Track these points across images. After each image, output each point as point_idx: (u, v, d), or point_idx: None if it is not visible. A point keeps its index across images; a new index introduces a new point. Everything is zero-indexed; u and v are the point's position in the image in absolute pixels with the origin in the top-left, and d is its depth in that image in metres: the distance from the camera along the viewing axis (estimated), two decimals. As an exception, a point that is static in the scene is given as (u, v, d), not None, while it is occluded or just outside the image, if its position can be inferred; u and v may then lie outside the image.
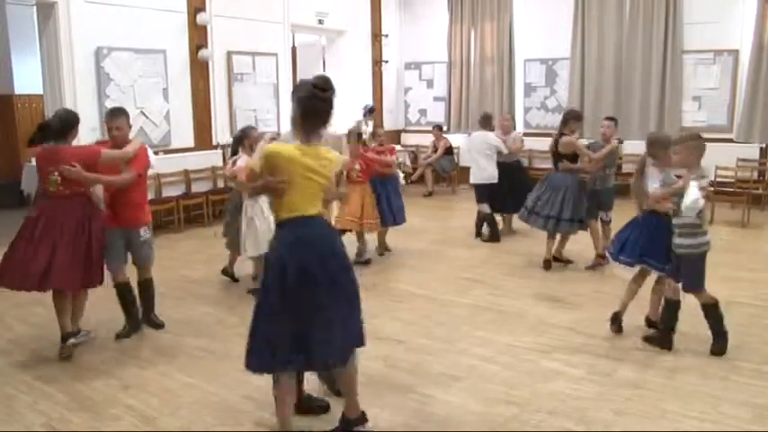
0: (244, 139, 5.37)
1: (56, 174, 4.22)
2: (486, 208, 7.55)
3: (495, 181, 7.44)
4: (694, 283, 4.20)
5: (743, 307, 5.09)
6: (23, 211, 4.50)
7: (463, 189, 10.52)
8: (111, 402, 3.72)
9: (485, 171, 7.46)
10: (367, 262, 6.58)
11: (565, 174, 6.21)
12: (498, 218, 7.77)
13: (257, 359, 3.00)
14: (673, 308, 4.31)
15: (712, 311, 4.25)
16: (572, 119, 6.29)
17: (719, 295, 4.35)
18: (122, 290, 4.70)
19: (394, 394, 3.77)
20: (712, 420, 3.43)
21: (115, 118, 4.54)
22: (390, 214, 6.71)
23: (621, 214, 5.37)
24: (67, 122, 4.36)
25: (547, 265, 6.32)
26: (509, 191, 7.44)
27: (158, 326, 4.86)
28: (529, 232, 7.70)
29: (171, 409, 3.64)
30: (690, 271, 4.20)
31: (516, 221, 7.26)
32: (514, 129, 8.28)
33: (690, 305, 4.66)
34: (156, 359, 4.33)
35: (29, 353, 4.46)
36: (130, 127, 4.68)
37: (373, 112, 10.90)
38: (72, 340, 4.34)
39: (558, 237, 6.42)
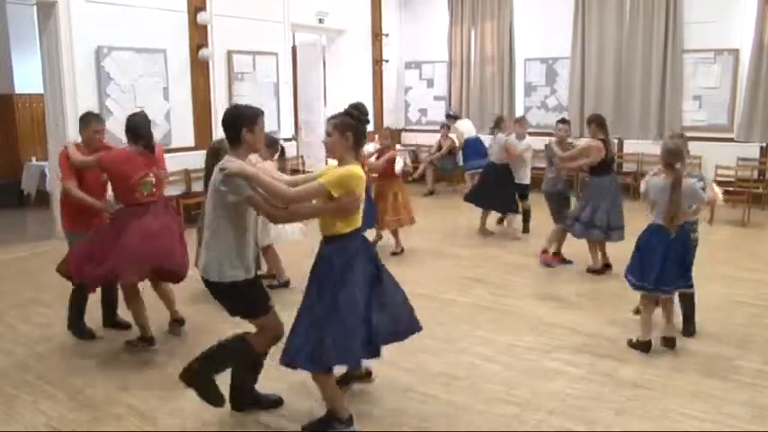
0: (221, 153, 5.42)
1: (151, 175, 4.30)
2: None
3: (524, 182, 7.60)
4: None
5: (743, 307, 5.09)
6: (23, 210, 4.50)
7: (466, 189, 10.51)
8: (111, 402, 3.72)
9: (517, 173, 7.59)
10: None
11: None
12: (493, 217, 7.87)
13: (356, 351, 3.20)
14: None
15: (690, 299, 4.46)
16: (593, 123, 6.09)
17: (720, 295, 4.36)
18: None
19: (394, 394, 3.77)
20: (712, 420, 3.43)
21: (102, 122, 4.57)
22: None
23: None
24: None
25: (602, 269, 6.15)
26: (498, 191, 7.51)
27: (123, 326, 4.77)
28: (531, 232, 7.72)
29: (171, 409, 3.64)
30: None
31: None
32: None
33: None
34: (156, 359, 4.33)
35: (30, 353, 4.46)
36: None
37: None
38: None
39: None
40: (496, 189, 7.54)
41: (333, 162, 3.40)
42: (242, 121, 3.23)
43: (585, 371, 4.05)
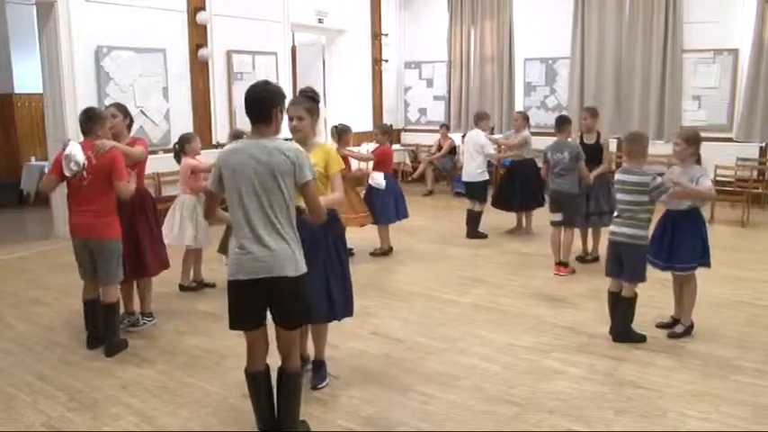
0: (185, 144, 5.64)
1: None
2: (474, 206, 7.68)
3: (479, 180, 7.61)
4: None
5: (743, 306, 5.09)
6: (23, 210, 4.49)
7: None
8: (112, 402, 3.72)
9: (468, 168, 7.70)
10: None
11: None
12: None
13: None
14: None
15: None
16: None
17: (720, 295, 4.36)
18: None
19: (394, 393, 3.77)
20: (712, 420, 3.43)
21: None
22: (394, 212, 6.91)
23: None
24: None
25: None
26: (520, 188, 7.56)
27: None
28: (536, 232, 7.73)
29: (171, 408, 3.64)
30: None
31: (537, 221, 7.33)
32: (527, 128, 7.97)
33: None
34: (155, 358, 4.33)
35: (29, 352, 4.45)
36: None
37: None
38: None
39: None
40: (518, 187, 7.62)
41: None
42: (278, 99, 3.04)
43: (585, 371, 4.05)
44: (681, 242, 4.39)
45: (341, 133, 6.81)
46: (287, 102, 3.21)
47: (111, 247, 4.29)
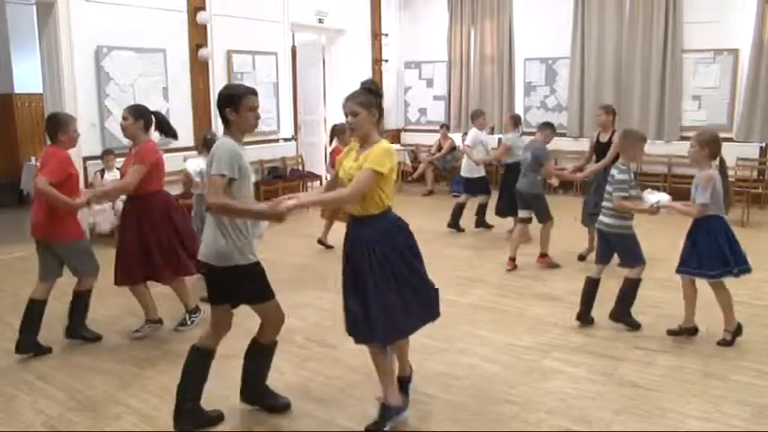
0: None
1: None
2: (482, 199, 7.97)
3: (475, 175, 7.87)
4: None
5: (743, 306, 5.07)
6: (23, 210, 4.49)
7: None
8: (112, 402, 3.72)
9: (465, 163, 8.02)
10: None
11: None
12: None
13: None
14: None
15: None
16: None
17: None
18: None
19: (394, 394, 3.77)
20: (712, 420, 3.43)
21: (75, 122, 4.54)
22: None
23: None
24: None
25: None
26: (508, 194, 7.32)
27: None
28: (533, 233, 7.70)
29: (171, 408, 3.63)
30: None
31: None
32: (514, 129, 7.88)
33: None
34: (155, 358, 4.33)
35: (29, 352, 4.45)
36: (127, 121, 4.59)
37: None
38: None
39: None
40: (507, 193, 7.49)
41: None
42: (222, 100, 3.25)
43: (585, 371, 4.05)
44: (701, 249, 4.34)
45: (338, 133, 6.91)
46: (250, 99, 3.28)
47: (62, 247, 4.35)
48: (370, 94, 3.32)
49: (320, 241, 7.27)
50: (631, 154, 4.64)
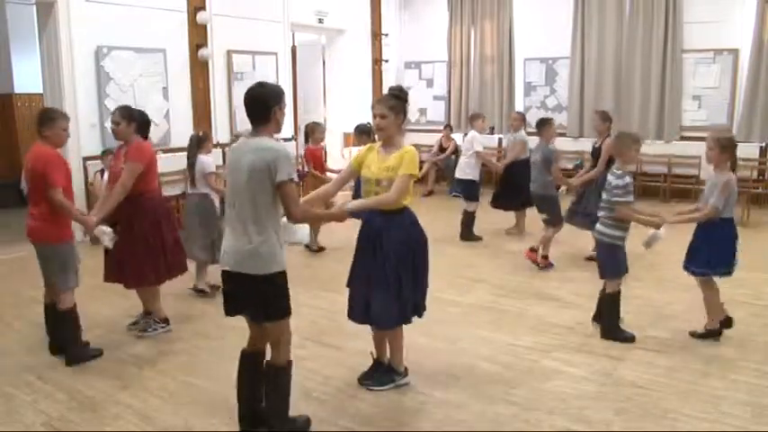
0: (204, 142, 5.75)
1: None
2: (468, 206, 7.69)
3: (467, 177, 7.64)
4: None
5: (743, 306, 5.08)
6: (23, 210, 4.48)
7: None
8: (112, 402, 3.72)
9: (460, 165, 7.83)
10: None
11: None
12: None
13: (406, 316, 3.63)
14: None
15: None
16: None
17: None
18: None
19: (394, 393, 3.77)
20: (712, 420, 3.43)
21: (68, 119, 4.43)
22: None
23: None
24: None
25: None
26: (517, 187, 7.34)
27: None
28: (533, 232, 7.71)
29: (171, 408, 3.64)
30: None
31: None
32: (521, 128, 7.89)
33: (691, 304, 4.67)
34: (155, 358, 4.33)
35: (29, 352, 4.45)
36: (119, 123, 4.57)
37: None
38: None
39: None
40: (509, 187, 7.61)
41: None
42: (273, 97, 3.08)
43: (585, 371, 4.05)
44: (701, 247, 4.36)
45: (311, 131, 7.12)
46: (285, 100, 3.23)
47: (46, 251, 4.21)
48: (398, 100, 3.52)
49: (311, 247, 7.20)
50: (626, 157, 4.45)
